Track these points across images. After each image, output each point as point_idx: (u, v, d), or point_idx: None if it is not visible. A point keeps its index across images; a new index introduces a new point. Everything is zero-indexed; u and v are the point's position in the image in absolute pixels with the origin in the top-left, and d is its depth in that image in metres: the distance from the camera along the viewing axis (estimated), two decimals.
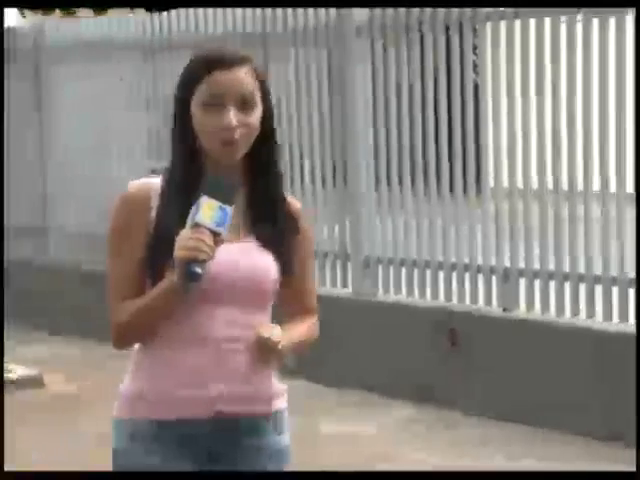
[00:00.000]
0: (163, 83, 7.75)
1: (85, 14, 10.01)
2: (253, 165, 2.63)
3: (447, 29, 6.30)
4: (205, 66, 2.54)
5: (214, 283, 2.54)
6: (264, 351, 2.54)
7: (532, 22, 5.96)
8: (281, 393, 2.71)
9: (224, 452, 2.67)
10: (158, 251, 2.56)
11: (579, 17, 5.70)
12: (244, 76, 2.55)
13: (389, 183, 6.72)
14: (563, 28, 5.82)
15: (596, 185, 5.72)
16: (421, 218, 6.56)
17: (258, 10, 7.24)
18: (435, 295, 6.37)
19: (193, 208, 2.47)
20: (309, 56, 7.13)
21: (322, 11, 6.93)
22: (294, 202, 2.71)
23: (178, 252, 2.47)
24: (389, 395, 6.33)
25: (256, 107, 2.56)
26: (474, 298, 6.22)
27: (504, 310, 6.07)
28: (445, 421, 5.98)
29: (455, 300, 6.29)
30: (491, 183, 6.33)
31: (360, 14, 6.71)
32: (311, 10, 7.00)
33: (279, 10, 7.18)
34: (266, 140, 2.61)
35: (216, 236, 2.46)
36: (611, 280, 5.61)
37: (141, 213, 2.59)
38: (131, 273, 2.60)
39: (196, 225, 2.46)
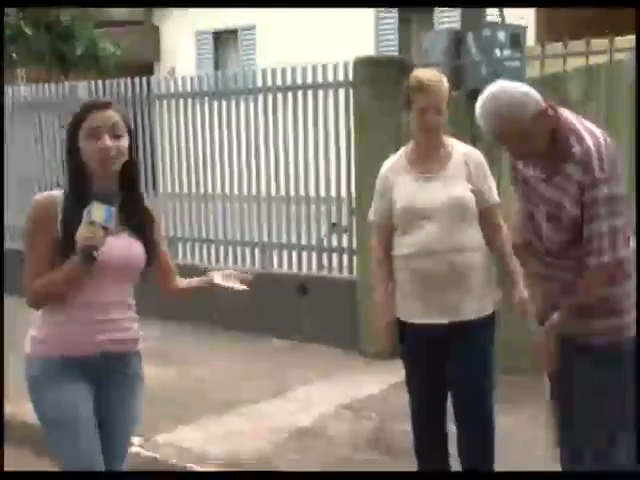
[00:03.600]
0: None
1: None
2: (124, 179, 3.03)
3: (134, 103, 9.08)
4: (87, 108, 2.98)
5: (103, 264, 2.92)
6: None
7: (191, 101, 8.69)
8: (140, 337, 3.16)
9: (109, 376, 3.11)
10: (67, 243, 2.90)
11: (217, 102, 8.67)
12: (114, 114, 2.98)
13: None
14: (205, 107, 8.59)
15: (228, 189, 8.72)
16: None
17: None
18: None
19: (86, 210, 2.79)
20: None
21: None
22: (148, 201, 3.16)
23: (79, 242, 2.80)
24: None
25: (124, 136, 2.99)
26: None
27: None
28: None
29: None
30: (161, 188, 9.21)
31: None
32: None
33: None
34: (132, 162, 3.05)
35: (105, 229, 2.80)
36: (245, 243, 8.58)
37: (50, 217, 2.93)
38: (43, 258, 2.94)
39: (91, 223, 2.77)
